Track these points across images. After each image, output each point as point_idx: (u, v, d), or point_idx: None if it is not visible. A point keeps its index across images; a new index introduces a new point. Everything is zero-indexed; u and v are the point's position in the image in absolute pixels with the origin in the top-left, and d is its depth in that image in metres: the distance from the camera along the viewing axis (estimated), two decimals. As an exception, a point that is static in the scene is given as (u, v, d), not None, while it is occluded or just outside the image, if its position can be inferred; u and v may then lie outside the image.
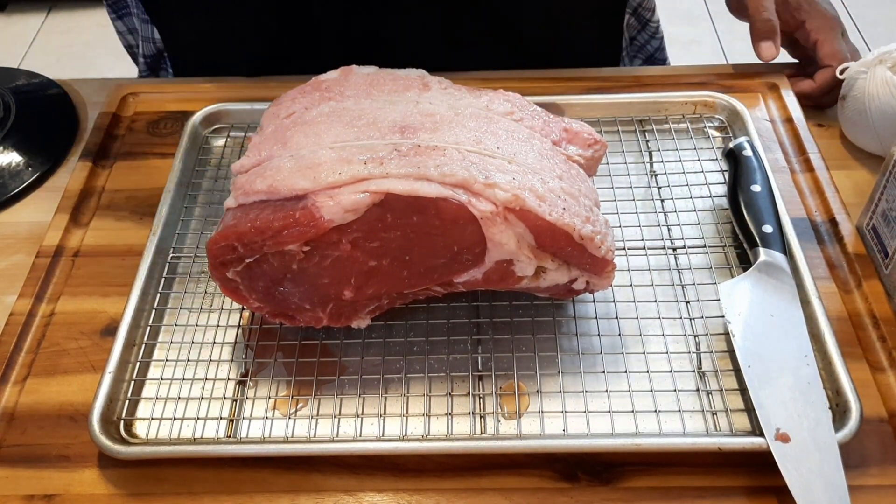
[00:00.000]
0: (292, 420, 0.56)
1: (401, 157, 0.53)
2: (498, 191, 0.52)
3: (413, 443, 0.54)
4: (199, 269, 0.65)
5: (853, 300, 0.62)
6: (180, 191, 0.70)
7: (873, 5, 2.30)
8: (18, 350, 0.61)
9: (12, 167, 0.77)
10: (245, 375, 0.59)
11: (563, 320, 0.61)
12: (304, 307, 0.57)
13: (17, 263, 0.69)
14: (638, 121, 0.76)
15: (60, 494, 0.53)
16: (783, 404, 0.53)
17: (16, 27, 2.40)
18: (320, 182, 0.52)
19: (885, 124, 0.71)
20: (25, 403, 0.58)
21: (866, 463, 0.53)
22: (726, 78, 0.81)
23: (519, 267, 0.55)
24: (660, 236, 0.67)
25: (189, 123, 0.75)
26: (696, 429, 0.55)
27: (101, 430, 0.54)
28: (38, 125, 0.81)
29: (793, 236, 0.63)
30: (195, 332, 0.61)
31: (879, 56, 0.72)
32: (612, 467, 0.54)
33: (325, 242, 0.53)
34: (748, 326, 0.57)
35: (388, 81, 0.62)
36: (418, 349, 0.60)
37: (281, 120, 0.60)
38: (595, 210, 0.56)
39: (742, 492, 0.52)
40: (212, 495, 0.53)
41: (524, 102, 0.63)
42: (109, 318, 0.63)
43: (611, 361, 0.58)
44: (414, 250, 0.54)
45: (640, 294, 0.62)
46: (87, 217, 0.71)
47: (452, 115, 0.58)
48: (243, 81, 0.84)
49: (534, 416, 0.56)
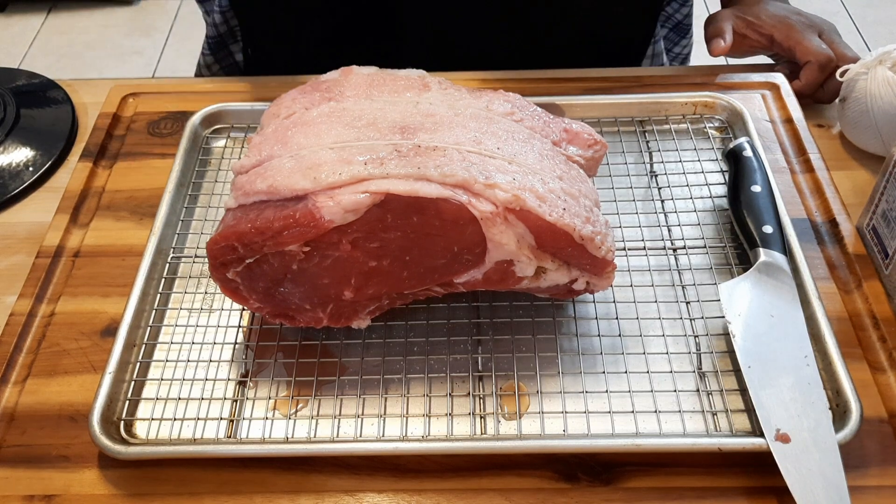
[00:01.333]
0: (292, 420, 0.56)
1: (401, 157, 0.53)
2: (498, 191, 0.52)
3: (413, 443, 0.54)
4: (199, 270, 0.65)
5: (853, 300, 0.62)
6: (180, 191, 0.70)
7: (873, 5, 2.30)
8: (18, 350, 0.61)
9: (12, 167, 0.77)
10: (245, 376, 0.59)
11: (564, 321, 0.61)
12: (305, 307, 0.57)
13: (17, 264, 0.69)
14: (638, 121, 0.76)
15: (60, 495, 0.53)
16: (783, 405, 0.53)
17: (16, 27, 2.40)
18: (320, 182, 0.52)
19: (887, 124, 0.71)
20: (25, 404, 0.58)
21: (866, 463, 0.53)
22: (726, 78, 0.81)
23: (519, 267, 0.55)
24: (660, 237, 0.67)
25: (189, 123, 0.75)
26: (697, 429, 0.55)
27: (102, 430, 0.54)
28: (38, 125, 0.81)
29: (793, 237, 0.63)
30: (195, 333, 0.61)
31: (879, 56, 0.72)
32: (612, 468, 0.54)
33: (326, 243, 0.53)
34: (748, 327, 0.57)
35: (388, 82, 0.62)
36: (418, 350, 0.60)
37: (281, 120, 0.60)
38: (595, 210, 0.56)
39: (742, 492, 0.52)
40: (212, 496, 0.53)
41: (524, 103, 0.63)
42: (109, 318, 0.63)
43: (611, 362, 0.59)
44: (414, 251, 0.54)
45: (640, 294, 0.62)
46: (87, 217, 0.71)
47: (452, 116, 0.58)
48: (243, 81, 0.84)
49: (534, 417, 0.56)
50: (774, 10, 0.82)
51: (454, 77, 0.66)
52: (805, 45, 0.79)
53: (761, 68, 0.84)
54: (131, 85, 0.82)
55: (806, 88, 0.79)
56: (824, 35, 0.80)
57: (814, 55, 0.78)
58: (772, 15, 0.82)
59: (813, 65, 0.78)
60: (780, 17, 0.81)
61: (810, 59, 0.78)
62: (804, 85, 0.78)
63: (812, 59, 0.78)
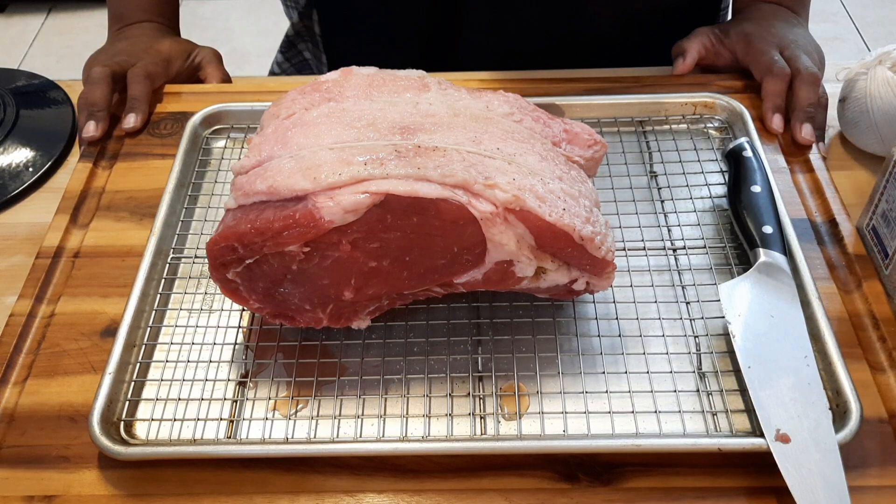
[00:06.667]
0: (292, 421, 0.56)
1: (401, 157, 0.53)
2: (498, 191, 0.52)
3: (413, 444, 0.54)
4: (199, 270, 0.65)
5: (853, 301, 0.62)
6: (180, 191, 0.70)
7: (873, 5, 2.30)
8: (18, 351, 0.61)
9: (12, 168, 0.77)
10: (245, 376, 0.59)
11: (563, 321, 0.61)
12: (304, 308, 0.57)
13: (17, 264, 0.69)
14: (638, 121, 0.76)
15: (60, 495, 0.53)
16: (783, 405, 0.53)
17: (16, 28, 2.40)
18: (320, 183, 0.52)
19: (887, 124, 0.71)
20: (25, 404, 0.58)
21: (866, 463, 0.53)
22: (726, 79, 0.81)
23: (519, 268, 0.55)
24: (660, 237, 0.67)
25: (189, 124, 0.75)
26: (697, 429, 0.55)
27: (102, 430, 0.54)
28: (38, 126, 0.81)
29: (793, 237, 0.63)
30: (195, 333, 0.61)
31: (879, 56, 0.72)
32: (613, 468, 0.54)
33: (325, 243, 0.53)
34: (748, 327, 0.57)
35: (388, 82, 0.62)
36: (418, 350, 0.60)
37: (281, 120, 0.60)
38: (595, 211, 0.56)
39: (742, 492, 0.52)
40: (212, 496, 0.53)
41: (524, 103, 0.63)
42: (109, 318, 0.63)
43: (611, 362, 0.59)
44: (414, 251, 0.54)
45: (640, 295, 0.62)
46: (87, 218, 0.71)
47: (452, 116, 0.58)
48: (243, 81, 0.84)
49: (534, 417, 0.56)
50: (745, 27, 0.81)
51: (454, 77, 0.66)
52: (759, 61, 0.78)
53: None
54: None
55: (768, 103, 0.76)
56: (786, 51, 0.78)
57: (765, 71, 0.76)
58: (738, 32, 0.81)
59: (766, 80, 0.76)
60: (746, 34, 0.80)
61: (763, 75, 0.77)
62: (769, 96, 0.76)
63: (764, 74, 0.76)
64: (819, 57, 0.79)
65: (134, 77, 0.79)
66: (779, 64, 0.76)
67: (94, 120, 0.76)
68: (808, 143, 0.73)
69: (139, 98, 0.78)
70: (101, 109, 0.77)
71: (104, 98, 0.77)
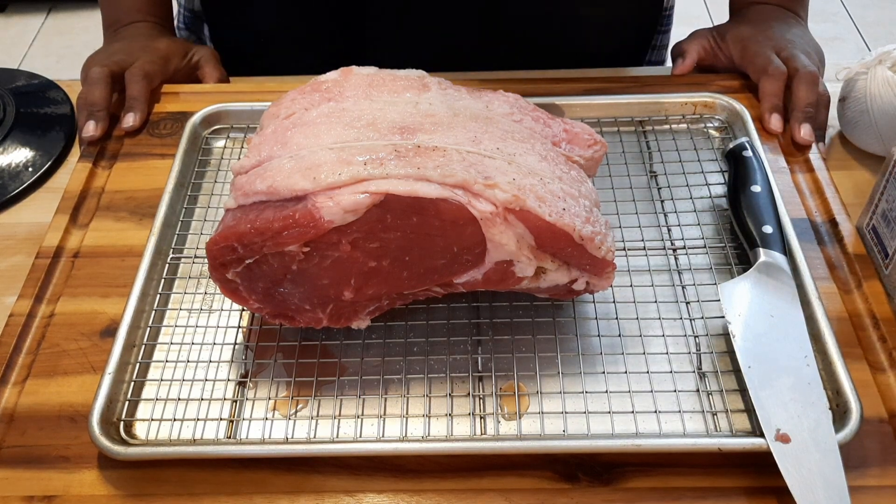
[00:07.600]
0: (292, 421, 0.56)
1: (400, 157, 0.53)
2: (498, 191, 0.52)
3: (413, 444, 0.54)
4: (198, 270, 0.65)
5: (853, 300, 0.62)
6: (180, 191, 0.70)
7: (873, 5, 2.30)
8: (18, 351, 0.61)
9: (12, 168, 0.77)
10: (245, 376, 0.59)
11: (563, 321, 0.61)
12: (304, 308, 0.57)
13: (16, 264, 0.69)
14: (638, 121, 0.76)
15: (60, 495, 0.53)
16: (783, 405, 0.53)
17: (16, 28, 2.40)
18: (320, 183, 0.52)
19: (887, 124, 0.71)
20: (25, 404, 0.58)
21: (866, 463, 0.53)
22: (726, 78, 0.81)
23: (519, 267, 0.55)
24: (660, 237, 0.67)
25: (189, 124, 0.75)
26: (697, 429, 0.55)
27: (101, 431, 0.54)
28: (38, 126, 0.81)
29: (793, 237, 0.63)
30: (195, 333, 0.61)
31: (879, 56, 0.72)
32: (613, 468, 0.54)
33: (325, 243, 0.53)
34: (748, 327, 0.57)
35: (388, 82, 0.62)
36: (418, 350, 0.60)
37: (281, 120, 0.60)
38: (595, 211, 0.56)
39: (742, 492, 0.52)
40: (212, 496, 0.53)
41: (524, 103, 0.63)
42: (109, 318, 0.63)
43: (611, 362, 0.58)
44: (414, 251, 0.54)
45: (640, 294, 0.62)
46: (86, 218, 0.71)
47: (452, 116, 0.58)
48: (243, 81, 0.84)
49: (534, 417, 0.56)
50: (741, 30, 0.81)
51: (454, 77, 0.66)
52: (755, 63, 0.78)
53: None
54: (131, 85, 0.82)
55: (765, 103, 0.76)
56: (783, 51, 0.78)
57: (761, 72, 0.76)
58: (734, 35, 0.81)
59: (763, 81, 0.76)
60: (742, 37, 0.80)
61: (760, 77, 0.77)
62: (766, 96, 0.76)
63: (761, 76, 0.77)
64: (818, 56, 0.79)
65: (132, 76, 0.79)
66: (774, 64, 0.76)
67: (94, 120, 0.76)
68: (807, 143, 0.73)
69: (138, 97, 0.78)
70: (101, 109, 0.77)
71: (103, 98, 0.77)
